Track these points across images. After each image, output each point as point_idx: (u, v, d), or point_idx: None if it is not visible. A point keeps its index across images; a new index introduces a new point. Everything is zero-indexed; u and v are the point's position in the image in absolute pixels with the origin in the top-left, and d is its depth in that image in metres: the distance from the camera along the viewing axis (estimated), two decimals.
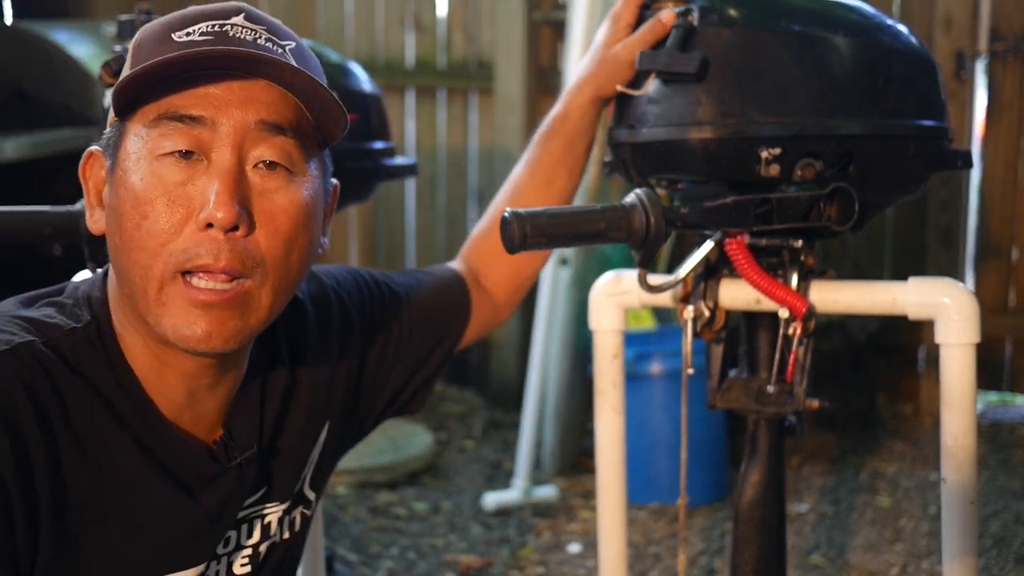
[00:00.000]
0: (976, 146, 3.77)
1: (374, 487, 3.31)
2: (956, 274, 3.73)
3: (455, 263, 1.49)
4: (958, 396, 1.28)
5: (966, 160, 1.35)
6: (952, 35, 3.66)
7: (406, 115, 4.26)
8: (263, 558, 1.19)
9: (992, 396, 3.94)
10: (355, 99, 1.87)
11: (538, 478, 3.28)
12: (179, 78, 0.98)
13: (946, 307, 1.28)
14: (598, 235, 1.16)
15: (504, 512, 3.12)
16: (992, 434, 3.65)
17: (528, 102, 3.92)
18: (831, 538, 2.92)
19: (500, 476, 3.43)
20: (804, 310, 1.31)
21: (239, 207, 0.97)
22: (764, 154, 1.24)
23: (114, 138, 1.03)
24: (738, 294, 1.36)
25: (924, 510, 3.09)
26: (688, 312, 1.38)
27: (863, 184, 1.26)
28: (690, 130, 1.27)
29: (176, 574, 1.08)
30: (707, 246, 1.31)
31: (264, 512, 1.17)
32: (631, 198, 1.18)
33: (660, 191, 1.37)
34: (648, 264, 1.22)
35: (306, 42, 1.09)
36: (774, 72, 1.25)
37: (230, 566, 1.16)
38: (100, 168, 1.06)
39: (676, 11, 1.32)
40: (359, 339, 1.30)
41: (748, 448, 1.43)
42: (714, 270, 1.38)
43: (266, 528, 1.18)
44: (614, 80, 1.37)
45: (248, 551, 1.17)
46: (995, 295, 3.80)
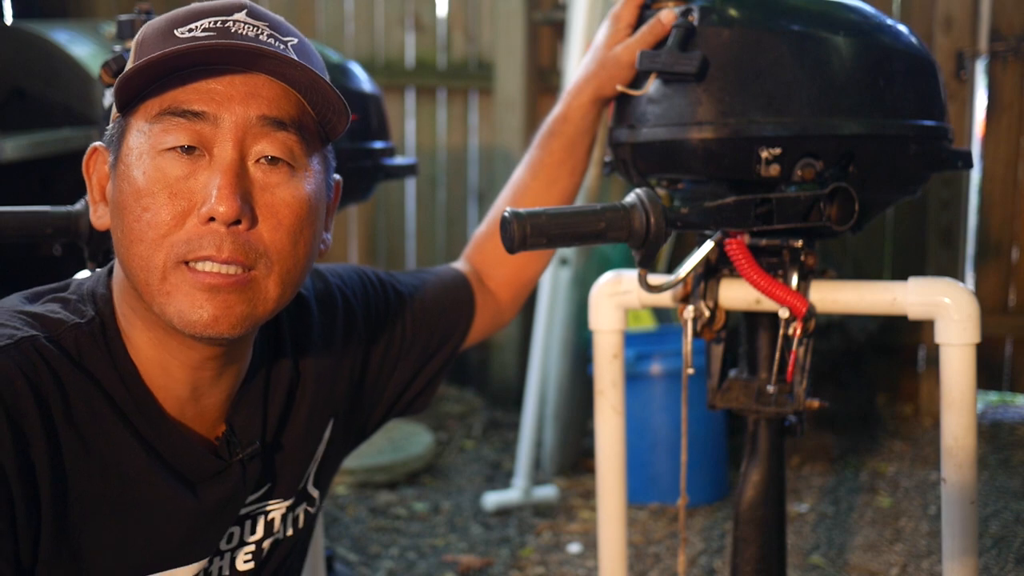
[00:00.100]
0: (976, 146, 3.77)
1: (374, 487, 3.30)
2: (956, 274, 3.72)
3: (459, 264, 1.49)
4: (958, 396, 1.28)
5: (966, 160, 1.35)
6: (952, 35, 3.66)
7: (406, 115, 4.27)
8: (266, 555, 1.19)
9: (992, 396, 3.95)
10: (355, 99, 1.86)
11: (538, 478, 3.28)
12: (181, 73, 0.99)
13: (946, 307, 1.28)
14: (598, 235, 1.16)
15: (504, 512, 3.12)
16: (992, 434, 3.65)
17: (528, 102, 3.92)
18: (831, 538, 2.92)
19: (500, 476, 3.43)
20: (804, 310, 1.31)
21: (241, 201, 0.98)
22: (764, 154, 1.24)
23: (117, 133, 1.03)
24: (738, 294, 1.36)
25: (924, 510, 3.09)
26: (688, 312, 1.38)
27: (863, 184, 1.26)
28: (690, 130, 1.27)
29: (178, 569, 1.08)
30: (707, 246, 1.31)
31: (267, 509, 1.18)
32: (631, 198, 1.18)
33: (660, 191, 1.37)
34: (648, 264, 1.22)
35: None
36: (774, 72, 1.25)
37: (233, 562, 1.16)
38: (103, 163, 1.06)
39: (676, 11, 1.32)
40: (364, 337, 1.30)
41: (748, 448, 1.43)
42: (714, 270, 1.38)
43: (269, 525, 1.18)
44: (614, 81, 1.37)
45: (251, 547, 1.17)
46: (995, 295, 3.81)
